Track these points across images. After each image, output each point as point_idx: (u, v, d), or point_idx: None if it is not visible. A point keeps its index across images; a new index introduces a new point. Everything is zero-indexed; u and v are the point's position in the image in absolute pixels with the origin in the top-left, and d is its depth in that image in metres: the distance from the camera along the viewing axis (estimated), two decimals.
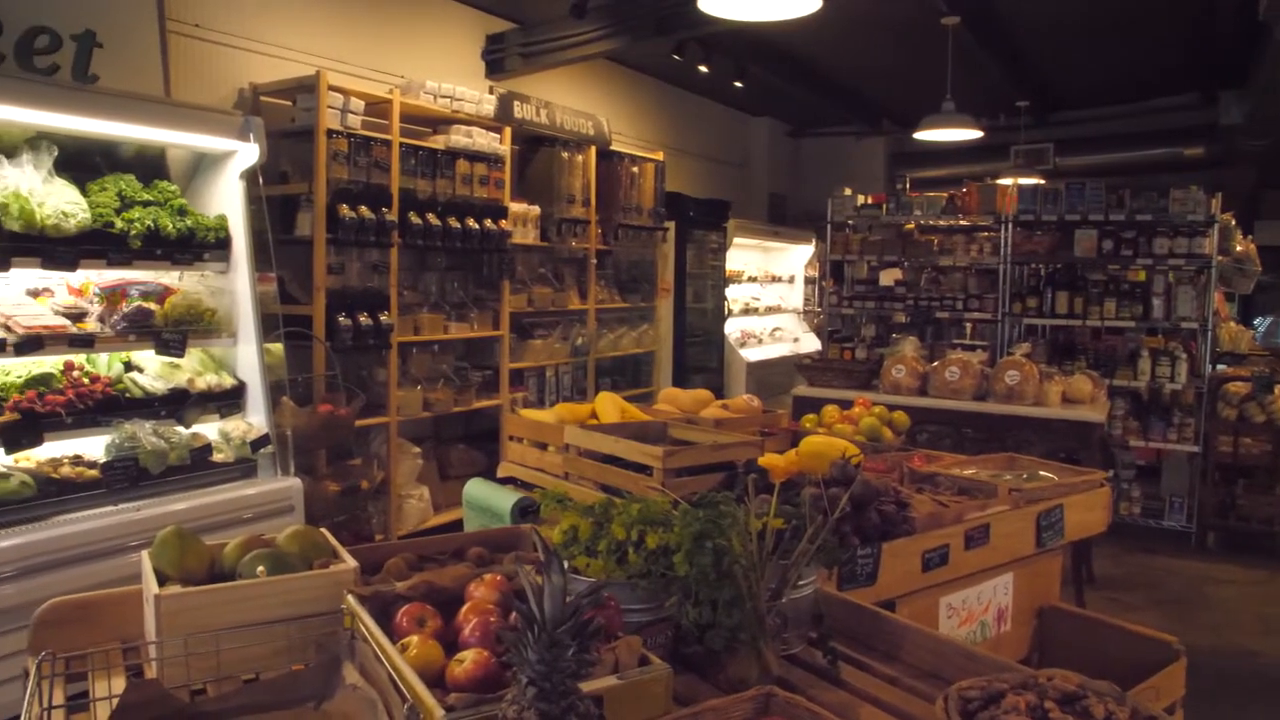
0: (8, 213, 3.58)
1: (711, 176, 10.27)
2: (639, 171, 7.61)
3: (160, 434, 3.99)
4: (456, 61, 6.81)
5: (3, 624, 3.33)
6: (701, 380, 8.17)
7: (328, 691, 1.56)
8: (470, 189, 5.86)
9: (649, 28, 6.56)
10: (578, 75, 7.92)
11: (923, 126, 7.53)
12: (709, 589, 1.66)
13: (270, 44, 5.49)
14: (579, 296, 7.17)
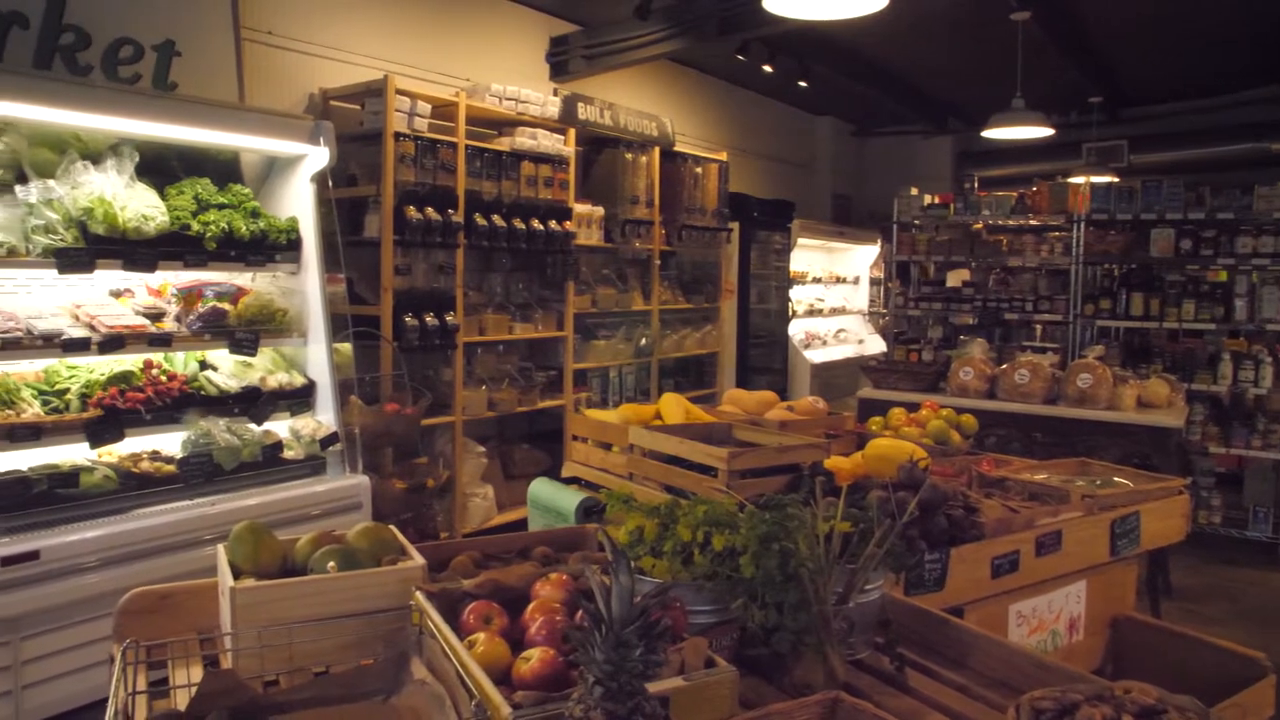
0: (92, 216, 3.71)
1: (775, 177, 10.21)
2: (702, 172, 7.59)
3: (233, 431, 4.09)
4: (521, 64, 6.87)
5: (87, 611, 3.46)
6: (765, 382, 8.12)
7: (396, 686, 1.58)
8: (535, 190, 5.90)
9: (712, 28, 6.54)
10: (641, 76, 7.93)
11: (991, 124, 7.40)
12: (775, 591, 1.64)
13: (339, 49, 5.60)
14: (643, 297, 7.18)
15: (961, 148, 11.59)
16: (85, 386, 3.81)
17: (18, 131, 3.86)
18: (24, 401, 3.63)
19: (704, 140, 8.73)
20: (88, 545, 3.48)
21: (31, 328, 3.59)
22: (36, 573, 3.33)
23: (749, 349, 8.41)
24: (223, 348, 4.21)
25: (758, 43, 7.51)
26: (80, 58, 4.29)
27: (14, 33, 4.08)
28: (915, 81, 9.67)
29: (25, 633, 3.34)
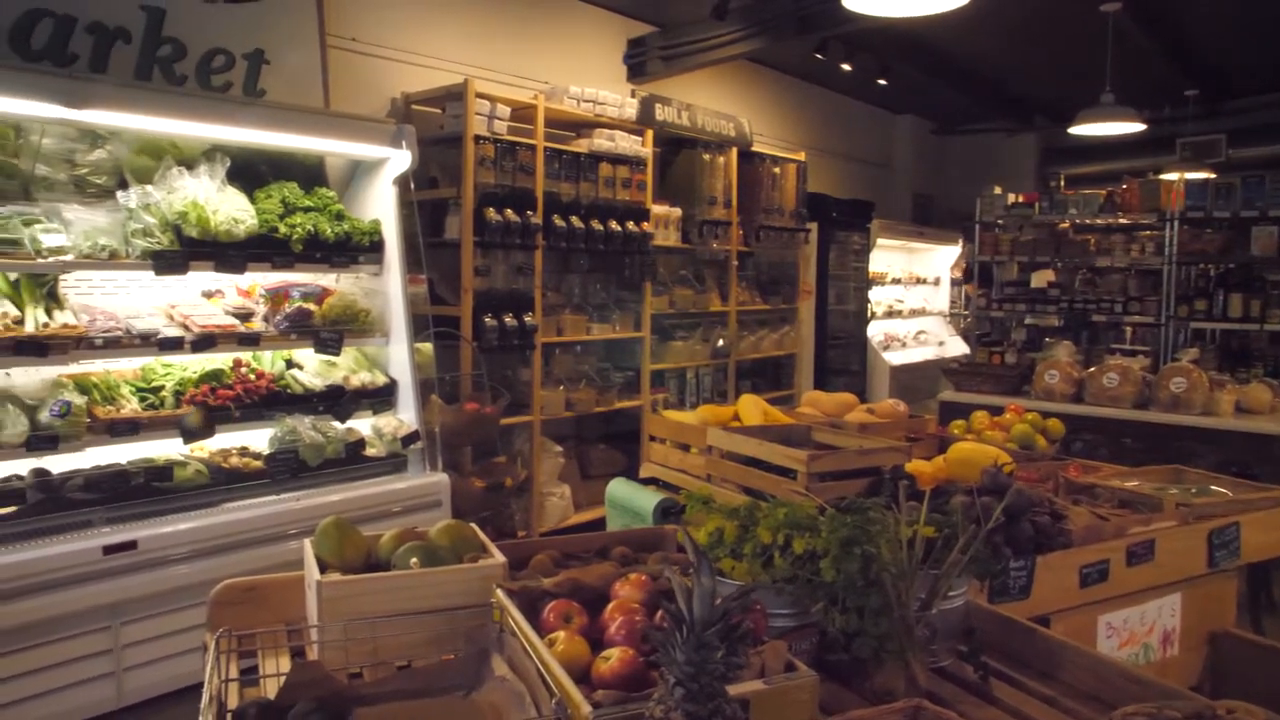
0: (186, 220, 3.83)
1: (854, 177, 10.09)
2: (780, 172, 7.53)
3: (318, 428, 4.19)
4: (598, 66, 6.90)
5: (179, 600, 3.59)
6: (843, 384, 8.03)
7: (476, 682, 1.60)
8: (613, 192, 5.92)
9: (790, 27, 6.49)
10: (718, 76, 7.90)
11: (1079, 121, 7.19)
12: (856, 596, 1.62)
13: (421, 54, 5.69)
14: (720, 298, 7.16)
15: (1046, 145, 11.29)
16: (179, 384, 3.95)
17: (120, 140, 4.03)
18: (123, 398, 3.78)
19: (782, 140, 8.66)
20: (181, 537, 3.61)
21: (130, 327, 3.73)
22: (134, 562, 3.47)
23: (827, 350, 8.32)
24: (308, 347, 4.31)
25: (836, 41, 7.43)
26: (177, 68, 4.44)
27: (118, 46, 4.24)
28: (999, 78, 9.46)
29: (125, 618, 3.48)
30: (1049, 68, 8.85)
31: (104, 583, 3.40)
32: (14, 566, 3.20)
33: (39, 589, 3.24)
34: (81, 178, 3.93)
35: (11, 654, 3.22)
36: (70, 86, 3.52)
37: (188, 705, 3.55)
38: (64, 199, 3.81)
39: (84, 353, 3.56)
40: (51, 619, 3.29)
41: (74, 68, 4.08)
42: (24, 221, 3.53)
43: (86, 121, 3.68)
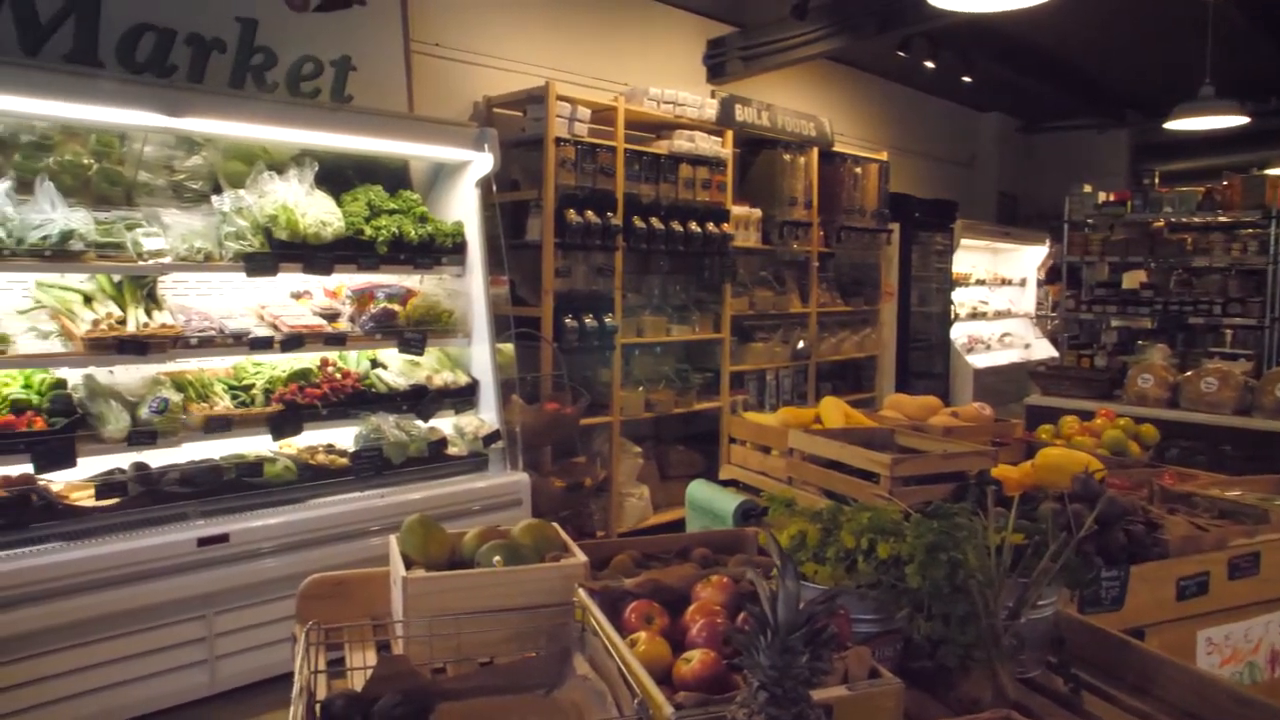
0: (276, 223, 3.94)
1: (937, 176, 9.91)
2: (862, 172, 7.44)
3: (401, 427, 4.26)
4: (678, 67, 6.90)
5: (267, 592, 3.70)
6: (925, 386, 7.88)
7: (558, 680, 1.60)
8: (692, 193, 5.91)
9: (872, 25, 6.40)
10: (799, 76, 7.83)
11: (1175, 115, 6.94)
12: (942, 603, 1.58)
13: (502, 58, 5.76)
14: (800, 299, 7.09)
15: (1139, 141, 10.93)
16: (269, 383, 4.06)
17: (215, 146, 4.16)
18: (216, 395, 3.90)
19: (863, 140, 8.55)
20: (270, 531, 3.71)
21: (223, 327, 3.85)
22: (226, 554, 3.58)
23: (909, 353, 8.19)
24: (392, 347, 4.40)
25: (919, 38, 7.30)
26: (268, 76, 4.57)
27: (214, 57, 4.38)
28: (1089, 72, 9.18)
29: (217, 608, 3.60)
30: (1143, 60, 8.56)
31: (198, 574, 3.51)
32: (116, 556, 3.33)
33: (138, 578, 3.37)
34: (179, 183, 4.07)
35: (112, 639, 3.35)
36: (170, 96, 3.65)
37: (276, 694, 3.65)
38: (163, 204, 3.96)
39: (180, 351, 3.69)
40: (150, 607, 3.41)
41: (173, 78, 4.23)
42: (127, 226, 3.67)
43: (184, 129, 3.82)
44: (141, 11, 4.15)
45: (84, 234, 3.45)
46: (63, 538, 3.35)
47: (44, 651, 3.20)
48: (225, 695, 3.64)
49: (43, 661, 3.20)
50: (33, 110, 3.49)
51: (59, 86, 3.42)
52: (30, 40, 3.90)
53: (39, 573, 3.16)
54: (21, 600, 3.12)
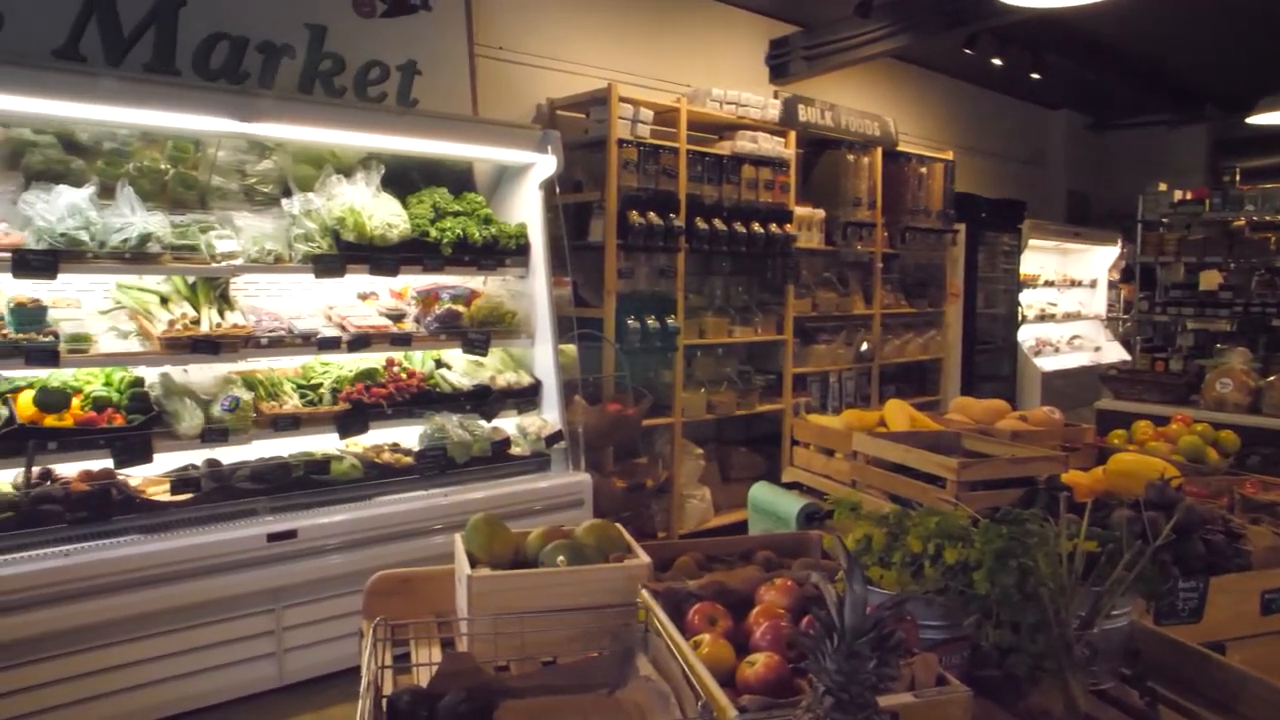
0: (344, 225, 4.01)
1: (1005, 175, 9.73)
2: (927, 172, 7.33)
3: (465, 427, 4.30)
4: (740, 68, 6.87)
5: (333, 588, 3.77)
6: (991, 390, 7.74)
7: (621, 680, 1.61)
8: (755, 194, 5.88)
9: (938, 22, 6.31)
10: (862, 75, 7.75)
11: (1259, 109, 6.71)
12: (1011, 610, 1.55)
13: (565, 61, 5.79)
14: (864, 301, 7.02)
15: (1218, 137, 10.59)
16: (336, 382, 4.13)
17: (285, 150, 4.25)
18: (285, 394, 3.98)
19: (928, 139, 8.43)
20: (336, 528, 3.77)
21: (293, 327, 3.93)
22: (294, 550, 3.65)
23: (975, 355, 8.05)
24: (456, 347, 4.45)
25: (986, 35, 7.16)
26: (336, 81, 4.65)
27: (284, 63, 4.47)
28: (1163, 66, 8.93)
29: (285, 602, 3.68)
30: (1223, 54, 8.29)
31: (267, 568, 3.59)
32: (190, 549, 3.42)
33: (210, 571, 3.45)
34: (250, 187, 4.17)
35: (184, 630, 3.44)
36: (242, 102, 3.74)
37: (341, 687, 3.72)
38: (235, 207, 4.06)
39: (251, 351, 3.77)
40: (221, 600, 3.50)
41: (245, 85, 4.34)
42: (201, 228, 3.76)
43: (256, 134, 3.91)
44: (216, 21, 4.26)
45: (161, 237, 3.55)
46: (140, 531, 3.45)
47: (122, 640, 3.30)
48: (292, 687, 3.72)
49: (120, 650, 3.30)
50: (115, 118, 3.62)
51: (139, 95, 3.54)
52: (114, 52, 4.03)
53: (118, 564, 3.27)
54: (102, 590, 3.22)
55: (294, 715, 3.58)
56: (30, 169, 3.61)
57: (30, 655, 3.12)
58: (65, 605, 3.15)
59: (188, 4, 4.18)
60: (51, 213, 3.38)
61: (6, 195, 3.49)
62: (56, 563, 3.17)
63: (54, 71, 3.46)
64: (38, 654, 3.14)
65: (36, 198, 3.44)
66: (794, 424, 3.73)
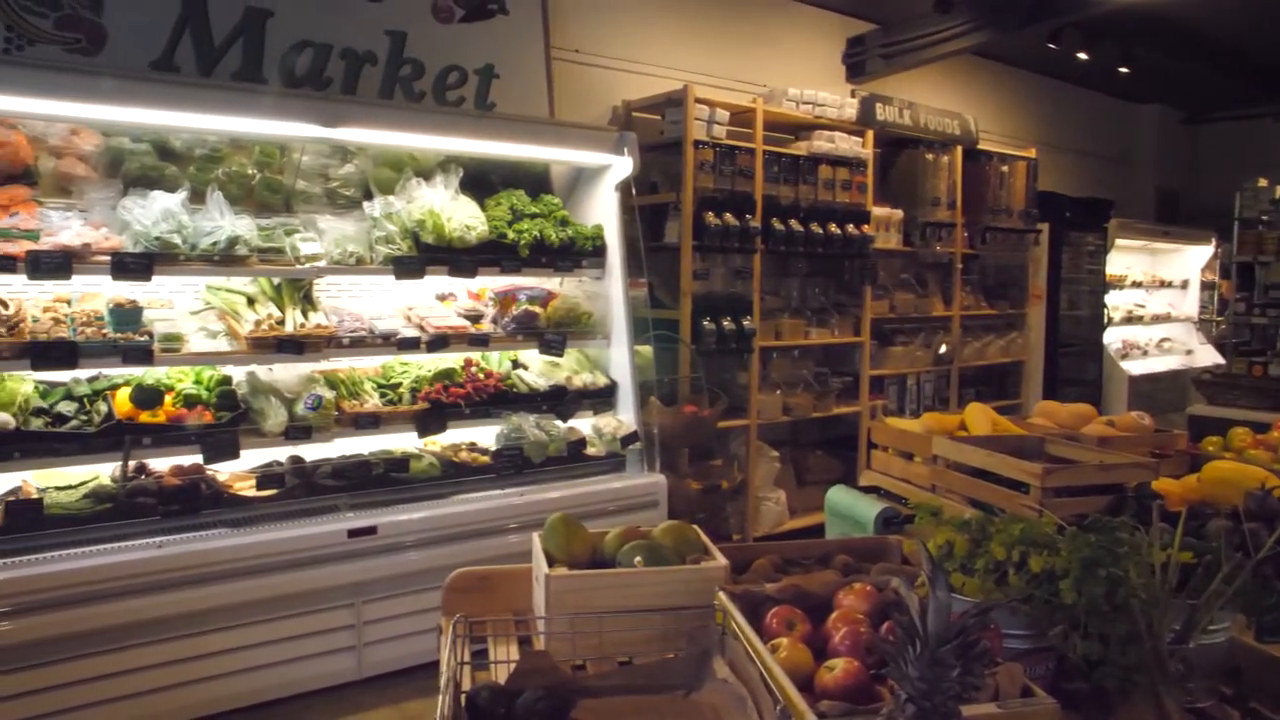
0: (424, 228, 4.08)
1: (1090, 173, 9.46)
2: (1008, 171, 7.18)
3: (541, 427, 4.34)
4: (817, 67, 6.81)
5: (410, 584, 3.84)
6: (1075, 394, 7.53)
7: (697, 683, 1.60)
8: (832, 194, 5.82)
9: (1020, 17, 6.16)
10: (941, 73, 7.61)
11: None
12: (1100, 621, 1.50)
13: (641, 63, 5.80)
14: (943, 302, 6.90)
15: None
16: (415, 382, 4.20)
17: (366, 154, 4.35)
18: (366, 393, 4.06)
19: (1010, 137, 8.24)
20: (414, 525, 3.83)
21: (373, 328, 4.01)
22: (374, 546, 3.72)
23: (1058, 358, 7.85)
24: (533, 348, 4.48)
25: (1071, 29, 6.98)
26: (415, 86, 4.73)
27: (365, 69, 4.57)
28: (1263, 57, 8.57)
29: (365, 597, 3.75)
30: None
31: (347, 564, 3.66)
32: (274, 543, 3.51)
33: (293, 565, 3.54)
34: (333, 190, 4.27)
35: (268, 622, 3.54)
36: (326, 108, 3.84)
37: (417, 682, 3.79)
38: (318, 210, 4.16)
39: (333, 351, 3.86)
40: (302, 593, 3.59)
41: (328, 91, 4.44)
42: (286, 231, 3.86)
43: (339, 139, 4.00)
44: (301, 30, 4.37)
45: (248, 239, 3.66)
46: (227, 525, 3.56)
47: (209, 630, 3.41)
48: (370, 680, 3.79)
49: (208, 639, 3.41)
50: (207, 125, 3.75)
51: (229, 102, 3.66)
52: (206, 62, 4.16)
53: (207, 556, 3.37)
54: (191, 581, 3.33)
55: (372, 708, 3.65)
56: (128, 175, 3.75)
57: (125, 641, 3.25)
58: (157, 595, 3.27)
59: (275, 14, 4.30)
60: (147, 217, 3.51)
61: (107, 201, 3.63)
62: (149, 554, 3.29)
63: (151, 82, 3.61)
64: (131, 640, 3.26)
65: (134, 203, 3.57)
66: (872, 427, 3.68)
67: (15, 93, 3.23)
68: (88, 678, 3.19)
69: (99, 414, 3.42)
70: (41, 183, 3.64)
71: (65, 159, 3.69)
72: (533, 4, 5.15)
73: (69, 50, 3.87)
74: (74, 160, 3.70)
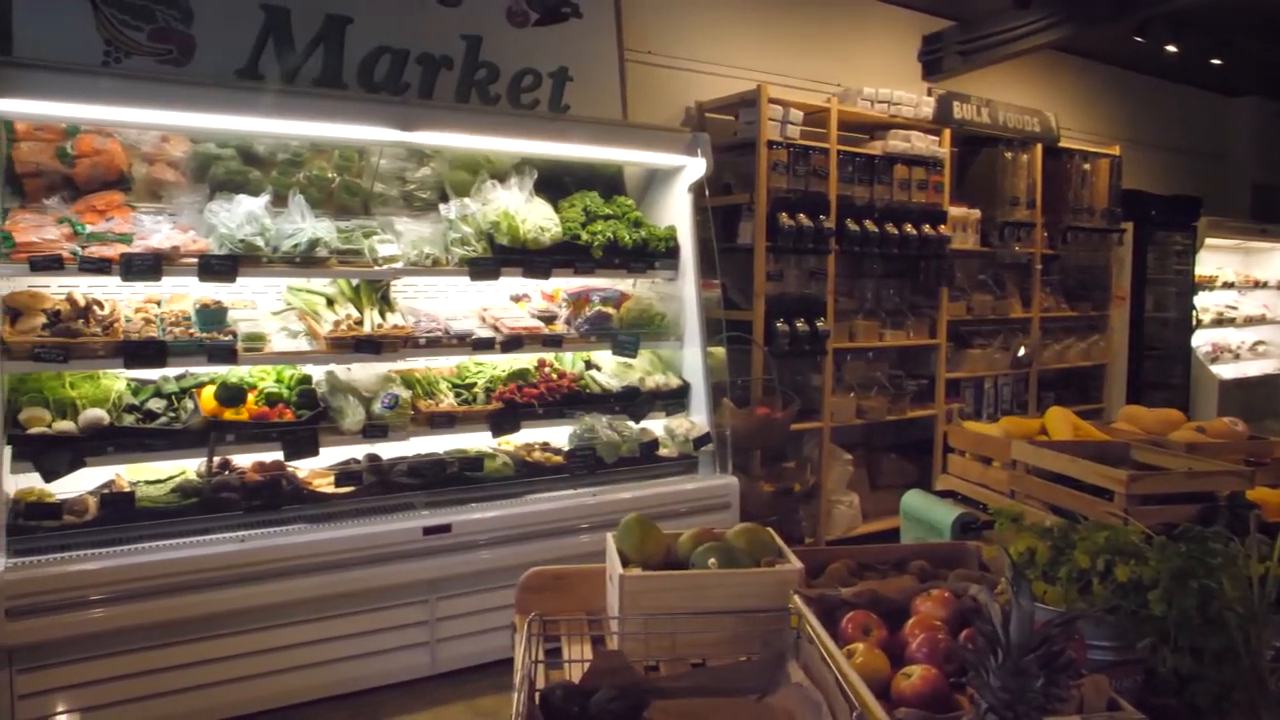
0: (499, 229, 4.12)
1: (1178, 170, 9.16)
2: (1090, 169, 7.00)
3: (614, 427, 4.35)
4: (892, 65, 6.72)
5: (483, 582, 3.89)
6: (1161, 399, 7.31)
7: (771, 686, 1.59)
8: (908, 194, 5.74)
9: (1106, 10, 5.99)
10: (1020, 69, 7.44)
11: None
12: (1192, 635, 1.45)
13: (714, 63, 5.78)
14: (1021, 304, 6.76)
15: None
16: (489, 382, 4.25)
17: (442, 157, 4.41)
18: (441, 393, 4.12)
19: (1093, 134, 8.02)
20: (488, 524, 3.88)
21: (449, 328, 4.06)
22: (448, 543, 3.77)
23: (1142, 361, 7.62)
24: (605, 349, 4.50)
25: (1160, 20, 6.76)
26: (491, 89, 4.79)
27: (441, 74, 4.64)
28: None
29: (438, 594, 3.81)
30: None
31: (422, 561, 3.72)
32: (352, 540, 3.58)
33: (369, 561, 3.61)
34: (410, 193, 4.34)
35: (345, 616, 3.62)
36: (403, 112, 3.91)
37: (490, 678, 3.83)
38: (395, 212, 4.24)
39: (410, 351, 3.92)
40: (378, 589, 3.65)
41: (406, 95, 4.52)
42: (364, 233, 3.94)
43: (416, 142, 4.07)
44: (379, 36, 4.45)
45: (328, 242, 3.74)
46: (306, 520, 3.64)
47: (287, 623, 3.50)
48: (444, 676, 3.84)
49: (286, 631, 3.50)
50: (289, 130, 3.86)
51: (310, 108, 3.77)
52: (288, 69, 4.27)
53: (287, 550, 3.46)
54: (272, 575, 3.42)
55: (445, 703, 3.70)
56: (214, 180, 3.87)
57: (208, 631, 3.35)
58: (239, 587, 3.36)
59: (354, 21, 4.39)
60: (231, 220, 3.62)
61: (194, 205, 3.76)
62: (232, 547, 3.39)
63: (237, 90, 3.73)
64: (215, 631, 3.36)
65: (219, 207, 3.69)
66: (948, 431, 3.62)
67: (115, 103, 3.36)
68: (173, 665, 3.30)
69: (186, 411, 3.53)
70: (135, 188, 3.78)
71: (156, 165, 3.82)
72: (606, 6, 5.17)
73: (161, 61, 4.00)
74: (164, 166, 3.83)
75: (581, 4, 5.06)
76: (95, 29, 3.88)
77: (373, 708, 3.63)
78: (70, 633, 3.10)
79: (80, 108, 3.35)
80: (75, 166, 3.64)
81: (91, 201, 3.61)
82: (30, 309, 3.35)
